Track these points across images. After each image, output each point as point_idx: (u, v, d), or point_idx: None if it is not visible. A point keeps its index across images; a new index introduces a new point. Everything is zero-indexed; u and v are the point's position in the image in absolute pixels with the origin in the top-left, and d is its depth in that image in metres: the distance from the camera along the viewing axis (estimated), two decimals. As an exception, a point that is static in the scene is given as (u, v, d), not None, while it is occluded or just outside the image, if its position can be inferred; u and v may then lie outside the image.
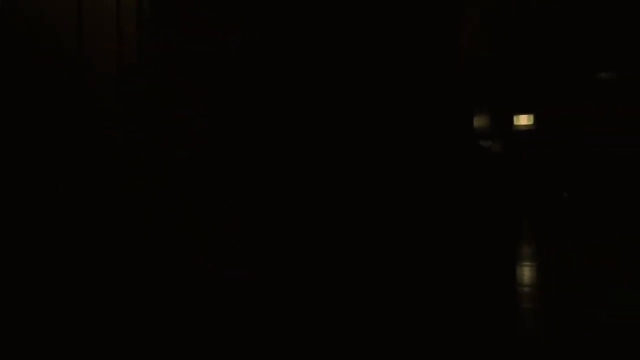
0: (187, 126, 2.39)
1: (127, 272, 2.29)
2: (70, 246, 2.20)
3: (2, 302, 2.07)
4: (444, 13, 3.23)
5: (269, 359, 2.05)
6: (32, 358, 2.05)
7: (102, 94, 2.17)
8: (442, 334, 2.28)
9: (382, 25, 2.79)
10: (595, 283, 3.39)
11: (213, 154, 2.48)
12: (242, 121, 2.52)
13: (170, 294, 2.34)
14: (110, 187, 2.21)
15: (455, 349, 2.25)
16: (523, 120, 8.00)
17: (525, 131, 7.88)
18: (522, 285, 3.72)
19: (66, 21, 2.07)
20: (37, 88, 2.01)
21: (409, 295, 2.72)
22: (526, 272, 4.01)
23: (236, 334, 2.17)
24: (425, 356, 2.18)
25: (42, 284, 2.17)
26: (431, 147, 3.00)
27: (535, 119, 7.75)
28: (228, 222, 2.50)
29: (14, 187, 1.99)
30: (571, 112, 6.98)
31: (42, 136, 2.04)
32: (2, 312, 2.07)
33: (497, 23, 6.79)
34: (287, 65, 2.54)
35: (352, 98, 2.68)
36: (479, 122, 5.70)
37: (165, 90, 2.25)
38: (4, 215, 1.98)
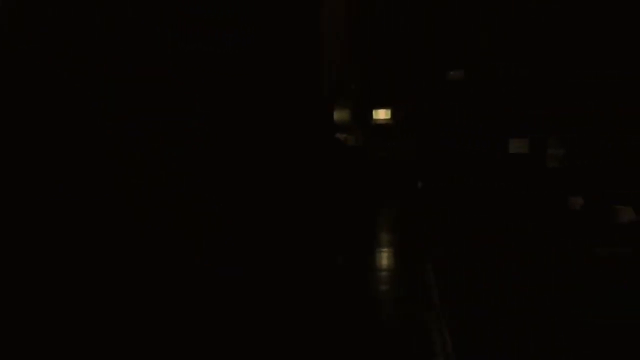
0: (183, 124, 2.37)
1: (123, 270, 2.23)
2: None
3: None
4: (303, 10, 3.31)
5: (265, 355, 2.08)
6: (30, 357, 2.00)
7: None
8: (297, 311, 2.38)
9: (242, 24, 2.82)
10: (456, 261, 3.68)
11: (209, 152, 2.48)
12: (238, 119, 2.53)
13: (167, 291, 2.31)
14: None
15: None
16: (381, 114, 8.42)
17: (383, 125, 8.30)
18: (378, 270, 3.93)
19: None
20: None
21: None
22: (381, 257, 4.25)
23: (232, 330, 2.18)
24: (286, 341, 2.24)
25: (36, 281, 2.14)
26: (289, 140, 3.08)
27: (393, 114, 8.19)
28: (224, 220, 2.50)
29: None
30: (425, 108, 7.49)
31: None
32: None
33: (358, 21, 7.10)
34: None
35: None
36: (337, 115, 5.92)
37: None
38: None
